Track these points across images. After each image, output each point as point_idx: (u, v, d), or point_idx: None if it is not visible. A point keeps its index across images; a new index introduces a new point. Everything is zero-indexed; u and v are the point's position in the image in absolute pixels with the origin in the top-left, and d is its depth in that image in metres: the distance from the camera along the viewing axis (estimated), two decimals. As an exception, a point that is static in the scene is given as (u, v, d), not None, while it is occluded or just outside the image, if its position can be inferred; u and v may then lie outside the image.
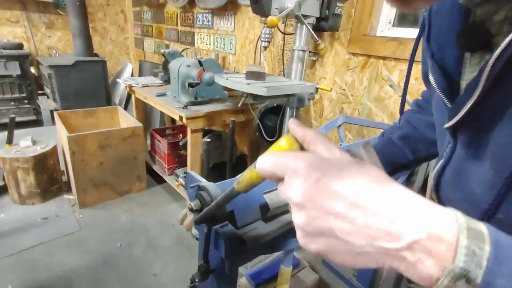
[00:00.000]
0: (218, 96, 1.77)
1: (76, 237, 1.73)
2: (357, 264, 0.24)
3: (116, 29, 3.73)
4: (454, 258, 0.20)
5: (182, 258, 1.64)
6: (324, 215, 0.23)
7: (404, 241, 0.22)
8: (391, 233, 0.22)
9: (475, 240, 0.20)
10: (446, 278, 0.20)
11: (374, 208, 0.23)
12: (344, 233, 0.23)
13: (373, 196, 0.23)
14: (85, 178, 1.93)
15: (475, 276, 0.20)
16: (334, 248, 0.24)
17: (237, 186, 0.39)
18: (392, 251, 0.22)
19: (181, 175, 2.05)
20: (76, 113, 2.25)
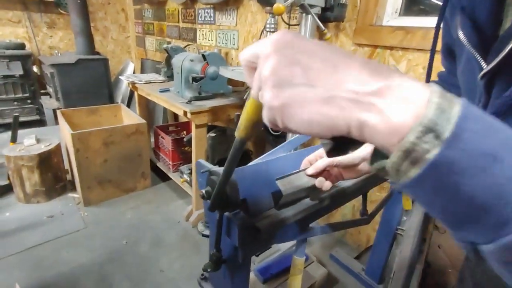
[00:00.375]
0: (222, 90, 1.75)
1: (81, 235, 1.72)
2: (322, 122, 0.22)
3: (117, 28, 3.72)
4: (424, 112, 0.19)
5: (188, 254, 1.63)
6: (295, 60, 0.23)
7: (374, 84, 0.21)
8: (362, 76, 0.21)
9: (447, 101, 0.20)
10: (413, 132, 0.19)
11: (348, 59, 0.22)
12: (313, 76, 0.22)
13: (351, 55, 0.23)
14: (89, 176, 1.92)
15: (443, 130, 0.19)
16: (300, 96, 0.22)
17: (238, 133, 0.37)
18: (361, 96, 0.21)
19: (186, 172, 2.04)
20: (79, 111, 2.24)
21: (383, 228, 1.39)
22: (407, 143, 0.19)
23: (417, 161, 0.20)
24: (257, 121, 0.36)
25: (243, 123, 0.36)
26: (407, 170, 0.20)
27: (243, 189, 0.53)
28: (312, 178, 0.64)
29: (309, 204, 0.63)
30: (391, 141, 0.20)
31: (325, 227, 0.74)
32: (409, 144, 0.19)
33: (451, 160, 0.19)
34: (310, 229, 0.67)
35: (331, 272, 1.56)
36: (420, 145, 0.19)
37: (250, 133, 0.37)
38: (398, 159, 0.20)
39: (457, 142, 0.18)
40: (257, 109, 0.34)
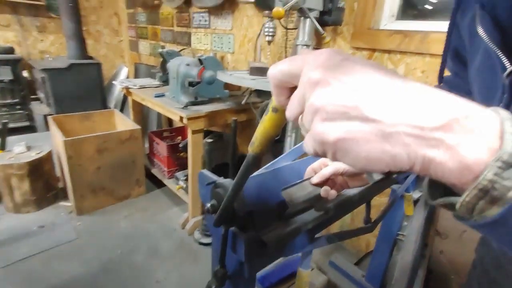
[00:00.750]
0: (218, 95, 1.73)
1: (74, 246, 1.66)
2: (384, 153, 0.20)
3: (110, 32, 3.67)
4: (500, 145, 0.18)
5: (185, 263, 1.59)
6: (349, 90, 0.20)
7: (441, 117, 0.19)
8: (427, 108, 0.19)
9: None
10: (491, 168, 0.17)
11: (408, 87, 0.20)
12: (372, 109, 0.20)
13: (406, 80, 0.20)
14: (82, 184, 1.87)
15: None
16: (357, 133, 0.20)
17: (252, 148, 0.35)
18: (426, 132, 0.19)
19: (182, 178, 2.00)
20: (71, 117, 2.19)
21: (383, 234, 1.37)
22: (484, 181, 0.18)
23: (496, 200, 0.18)
24: (274, 136, 0.34)
25: (259, 138, 0.34)
26: (484, 209, 0.19)
27: (249, 201, 0.50)
28: (317, 188, 0.61)
29: (315, 215, 0.61)
30: (463, 179, 0.19)
31: (331, 237, 0.72)
32: (487, 182, 0.18)
33: None
34: (315, 240, 0.64)
35: (331, 279, 1.53)
36: (500, 182, 0.18)
37: (265, 149, 0.35)
38: (473, 198, 0.19)
39: None
40: (276, 126, 0.32)
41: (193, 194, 1.76)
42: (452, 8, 0.46)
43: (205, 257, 1.64)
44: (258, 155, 0.36)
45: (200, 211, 1.84)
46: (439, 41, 1.17)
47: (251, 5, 1.89)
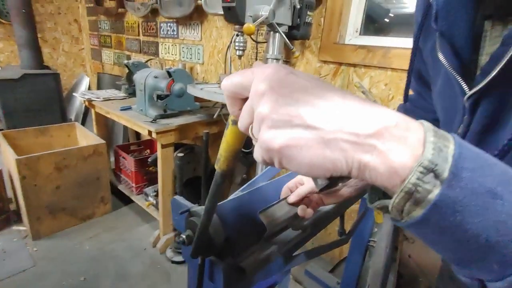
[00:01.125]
0: (189, 107, 1.69)
1: (30, 275, 1.51)
2: (325, 159, 0.22)
3: (69, 40, 3.46)
4: (422, 152, 0.20)
5: (158, 285, 1.51)
6: (293, 100, 0.22)
7: (374, 126, 0.21)
8: (361, 118, 0.21)
9: (441, 139, 0.20)
10: (415, 173, 0.20)
11: (345, 99, 0.22)
12: (313, 117, 0.22)
13: (344, 94, 0.23)
14: (39, 205, 1.71)
15: (442, 170, 0.19)
16: (300, 140, 0.22)
17: (218, 166, 0.34)
18: (361, 138, 0.21)
19: (151, 194, 1.91)
20: (25, 132, 2.01)
21: (355, 241, 1.41)
22: (409, 184, 0.20)
23: (420, 202, 0.20)
24: (238, 150, 0.33)
25: (224, 154, 0.34)
26: (410, 210, 0.21)
27: (226, 227, 0.48)
28: (293, 207, 0.61)
29: (292, 234, 0.60)
30: (393, 182, 0.21)
31: (308, 253, 0.72)
32: (411, 185, 0.20)
33: (452, 200, 0.19)
34: (293, 258, 0.64)
35: (307, 289, 1.54)
36: (422, 186, 0.20)
37: (231, 165, 0.34)
38: (400, 200, 0.21)
39: (457, 181, 0.19)
40: (238, 138, 0.32)
41: (164, 210, 1.69)
42: (414, 34, 0.49)
43: (179, 276, 1.56)
44: (225, 172, 0.35)
45: (172, 227, 1.77)
46: (400, 56, 1.25)
47: (220, 17, 1.89)
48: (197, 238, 0.43)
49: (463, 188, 0.19)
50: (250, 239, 0.55)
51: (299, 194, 0.56)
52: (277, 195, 0.62)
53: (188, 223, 0.46)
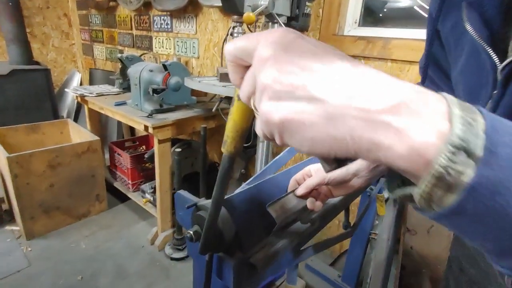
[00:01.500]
0: (186, 102, 1.65)
1: (25, 275, 1.47)
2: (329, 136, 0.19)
3: (59, 35, 3.36)
4: (449, 128, 0.17)
5: (157, 282, 1.48)
6: (298, 68, 0.20)
7: (389, 100, 0.18)
8: (374, 91, 0.18)
9: (468, 112, 0.17)
10: (444, 154, 0.17)
11: (358, 68, 0.19)
12: (319, 89, 0.19)
13: (357, 63, 0.20)
14: (32, 204, 1.66)
15: (475, 147, 0.16)
16: (303, 114, 0.20)
17: (225, 148, 0.32)
18: (373, 114, 0.18)
19: (148, 191, 1.88)
20: (16, 130, 1.95)
21: (357, 234, 1.41)
22: (438, 167, 0.17)
23: (453, 187, 0.17)
24: (246, 129, 0.31)
25: (230, 134, 0.31)
26: (442, 198, 0.18)
27: (235, 221, 0.46)
28: (302, 200, 0.59)
29: (300, 228, 0.59)
30: (415, 165, 0.18)
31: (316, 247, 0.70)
32: (441, 168, 0.17)
33: (491, 181, 0.16)
34: (301, 253, 0.62)
35: (308, 283, 1.53)
36: (454, 167, 0.17)
37: (239, 146, 0.32)
38: (429, 187, 0.18)
39: (494, 158, 0.16)
40: (245, 115, 0.29)
41: (162, 207, 1.66)
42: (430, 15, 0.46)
43: (178, 273, 1.54)
44: (233, 154, 0.32)
45: (170, 224, 1.74)
46: (400, 47, 1.23)
47: (216, 9, 1.85)
48: (205, 232, 0.40)
49: (502, 166, 0.16)
50: (259, 234, 0.53)
51: (307, 186, 0.54)
52: (285, 188, 0.60)
53: (195, 218, 0.44)
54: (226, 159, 0.33)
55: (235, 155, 0.33)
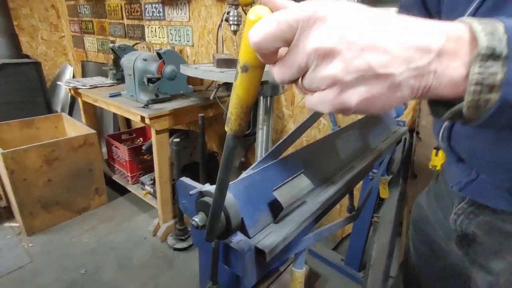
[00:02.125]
0: (182, 91, 1.61)
1: (27, 271, 1.46)
2: (395, 99, 0.23)
3: (47, 27, 3.26)
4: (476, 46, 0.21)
5: (161, 273, 1.48)
6: (359, 52, 0.21)
7: (431, 52, 0.22)
8: (420, 47, 0.22)
9: (488, 23, 0.21)
10: (475, 64, 0.21)
11: (400, 30, 0.22)
12: (382, 66, 0.21)
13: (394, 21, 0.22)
14: (30, 200, 1.64)
15: (500, 50, 0.20)
16: (375, 91, 0.22)
17: (229, 127, 0.30)
18: (424, 69, 0.22)
19: (148, 183, 1.86)
20: (9, 125, 1.90)
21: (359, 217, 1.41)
22: (474, 76, 0.21)
23: (492, 87, 0.21)
24: (251, 104, 0.28)
25: (234, 111, 0.28)
26: (487, 100, 0.21)
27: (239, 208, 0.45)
28: (310, 183, 0.57)
29: (307, 212, 0.57)
30: (457, 91, 0.22)
31: (321, 231, 0.69)
32: (477, 75, 0.21)
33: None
34: (308, 238, 0.61)
35: (312, 268, 1.54)
36: (487, 71, 0.20)
37: (244, 123, 0.29)
38: (473, 95, 0.21)
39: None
40: (251, 89, 0.27)
41: (162, 198, 1.64)
42: None
43: (182, 264, 1.54)
44: (238, 133, 0.30)
45: (171, 215, 1.74)
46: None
47: (209, -6, 1.79)
48: (211, 218, 0.38)
49: None
50: (266, 219, 0.52)
51: None
52: (290, 172, 0.58)
53: (199, 204, 0.42)
54: (231, 138, 0.31)
55: (241, 133, 0.30)
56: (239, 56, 0.25)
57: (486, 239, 0.45)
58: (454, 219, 0.49)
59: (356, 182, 0.80)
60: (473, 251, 0.47)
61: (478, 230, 0.46)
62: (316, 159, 0.67)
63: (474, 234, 0.46)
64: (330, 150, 0.73)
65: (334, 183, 0.67)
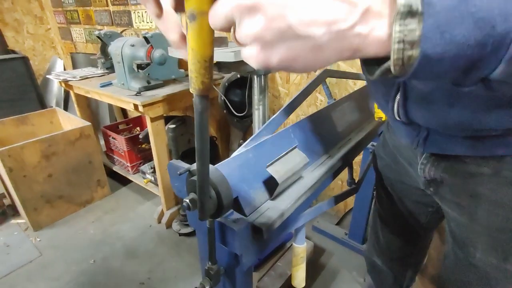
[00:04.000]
0: (173, 76, 1.57)
1: (37, 265, 1.49)
2: (319, 61, 0.24)
3: (32, 20, 3.16)
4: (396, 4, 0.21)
5: (168, 258, 1.51)
6: (281, 10, 0.22)
7: (356, 14, 0.22)
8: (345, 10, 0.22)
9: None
10: (396, 23, 0.21)
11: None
12: (304, 25, 0.22)
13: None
14: (33, 196, 1.65)
15: (416, 7, 0.21)
16: (296, 50, 0.23)
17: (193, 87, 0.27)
18: (349, 32, 0.22)
19: (148, 171, 1.86)
20: (3, 123, 1.88)
21: (361, 191, 1.40)
22: (396, 34, 0.21)
23: (413, 43, 0.22)
24: (209, 56, 0.26)
25: (193, 67, 0.26)
26: (409, 56, 0.22)
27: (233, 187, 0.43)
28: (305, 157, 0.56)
29: (304, 187, 0.56)
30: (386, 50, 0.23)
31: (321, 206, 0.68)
32: (398, 34, 0.21)
33: (436, 25, 0.21)
34: (307, 213, 0.60)
35: (316, 244, 1.56)
36: (407, 28, 0.21)
37: (208, 80, 0.27)
38: (398, 53, 0.22)
39: (431, 9, 0.20)
40: (205, 39, 0.24)
41: (164, 185, 1.65)
42: None
43: (188, 248, 1.57)
44: (203, 92, 0.27)
45: (174, 201, 1.75)
46: None
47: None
48: (199, 193, 0.36)
49: (440, 12, 0.20)
50: (261, 196, 0.51)
51: None
52: (284, 148, 0.56)
53: (189, 184, 0.41)
54: (198, 100, 0.28)
55: (206, 92, 0.27)
56: (185, 6, 0.23)
57: (453, 180, 0.50)
58: (422, 168, 0.54)
59: (355, 155, 0.79)
60: (442, 191, 0.53)
61: (445, 174, 0.50)
62: (310, 133, 0.65)
63: (441, 177, 0.51)
64: (325, 123, 0.71)
65: (331, 157, 0.66)
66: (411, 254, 0.85)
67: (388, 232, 0.83)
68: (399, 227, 0.79)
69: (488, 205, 0.46)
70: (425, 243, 0.84)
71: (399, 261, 0.87)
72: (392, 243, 0.83)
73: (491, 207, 0.46)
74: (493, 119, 0.38)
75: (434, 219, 0.72)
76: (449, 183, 0.51)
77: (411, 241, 0.80)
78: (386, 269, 0.91)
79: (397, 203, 0.74)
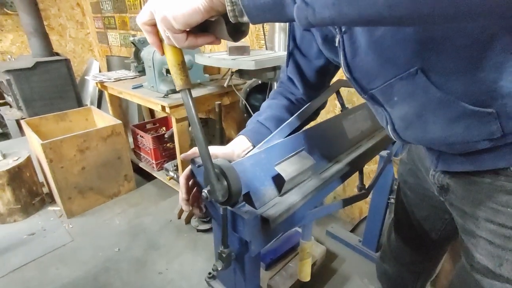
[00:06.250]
0: (199, 80, 1.68)
1: (69, 249, 1.63)
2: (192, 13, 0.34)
3: (74, 25, 3.45)
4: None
5: (185, 252, 1.60)
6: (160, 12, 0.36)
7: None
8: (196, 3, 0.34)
9: None
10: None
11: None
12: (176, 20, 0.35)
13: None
14: (68, 186, 1.81)
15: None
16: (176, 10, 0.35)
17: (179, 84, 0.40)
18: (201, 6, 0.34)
19: (171, 169, 1.97)
20: (46, 119, 2.08)
21: (376, 199, 1.42)
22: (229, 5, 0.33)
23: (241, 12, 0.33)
24: (181, 61, 0.39)
25: (173, 70, 0.39)
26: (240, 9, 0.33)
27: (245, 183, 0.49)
28: (309, 159, 0.61)
29: (312, 186, 0.61)
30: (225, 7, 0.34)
31: (328, 206, 0.73)
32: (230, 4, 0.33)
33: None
34: (314, 212, 0.65)
35: (329, 249, 1.58)
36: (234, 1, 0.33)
37: (185, 77, 0.39)
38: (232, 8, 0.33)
39: None
40: (174, 51, 0.39)
41: (185, 183, 1.74)
42: None
43: (204, 244, 1.65)
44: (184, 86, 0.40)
45: (194, 199, 1.83)
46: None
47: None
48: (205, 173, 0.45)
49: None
50: (271, 192, 0.56)
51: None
52: (293, 151, 0.62)
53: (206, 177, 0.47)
54: (183, 94, 0.40)
55: (186, 86, 0.39)
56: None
57: (458, 188, 0.54)
58: (433, 175, 0.60)
59: (364, 161, 0.82)
60: (450, 198, 0.57)
61: (451, 182, 0.55)
62: (320, 138, 0.70)
63: (448, 185, 0.56)
64: (336, 130, 0.76)
65: (339, 161, 0.70)
66: (422, 261, 0.86)
67: (402, 235, 0.85)
68: (413, 231, 0.80)
69: (486, 212, 0.49)
70: (438, 252, 0.84)
71: (409, 267, 0.88)
72: (404, 247, 0.85)
73: (489, 213, 0.48)
74: (461, 132, 0.43)
75: (449, 228, 0.74)
76: (454, 190, 0.55)
77: (423, 247, 0.82)
78: (396, 276, 0.92)
79: (415, 206, 0.77)
